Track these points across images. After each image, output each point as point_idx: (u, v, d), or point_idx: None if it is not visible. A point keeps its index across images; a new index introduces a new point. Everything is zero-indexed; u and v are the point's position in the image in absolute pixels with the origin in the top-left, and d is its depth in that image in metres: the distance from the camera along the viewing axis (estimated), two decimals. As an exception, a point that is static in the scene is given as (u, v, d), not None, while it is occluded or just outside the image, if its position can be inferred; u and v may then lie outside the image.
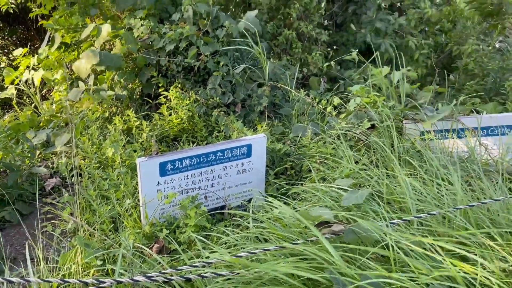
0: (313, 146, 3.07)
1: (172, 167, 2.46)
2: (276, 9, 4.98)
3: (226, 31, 3.84)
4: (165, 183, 2.48)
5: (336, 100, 3.26)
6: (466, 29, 5.42)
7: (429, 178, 2.21)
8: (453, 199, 2.11)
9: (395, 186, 2.22)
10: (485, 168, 2.54)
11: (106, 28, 3.80)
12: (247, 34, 4.39)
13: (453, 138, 2.80)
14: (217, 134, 3.46)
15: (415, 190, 2.14)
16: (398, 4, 5.74)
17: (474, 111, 4.14)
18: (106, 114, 4.08)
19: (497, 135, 2.82)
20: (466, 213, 1.99)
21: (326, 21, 5.52)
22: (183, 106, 3.61)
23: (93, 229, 2.42)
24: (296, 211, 1.92)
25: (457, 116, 2.86)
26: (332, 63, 4.48)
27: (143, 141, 3.35)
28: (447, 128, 2.86)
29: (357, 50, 4.88)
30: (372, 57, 4.44)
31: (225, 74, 3.75)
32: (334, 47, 5.55)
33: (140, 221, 2.48)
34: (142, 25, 3.98)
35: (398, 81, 3.60)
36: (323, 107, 3.44)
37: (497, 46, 5.52)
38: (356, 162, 2.73)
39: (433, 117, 2.79)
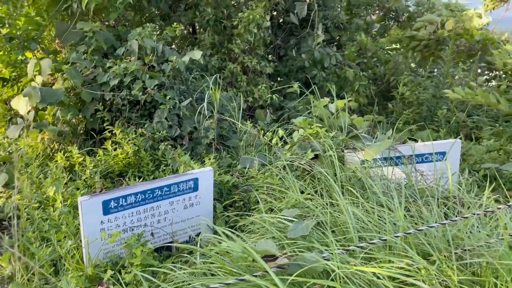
0: (261, 177, 3.11)
1: (116, 204, 2.40)
2: (220, 44, 5.09)
3: (172, 65, 3.86)
4: (108, 221, 2.41)
5: (281, 132, 3.35)
6: (401, 62, 5.78)
7: (370, 207, 2.30)
8: (394, 225, 2.21)
9: (339, 215, 2.30)
10: (421, 194, 2.68)
11: (48, 63, 3.71)
12: (193, 68, 4.44)
13: (391, 165, 2.95)
14: (164, 168, 3.42)
15: (358, 219, 2.22)
16: (337, 37, 6.03)
17: (411, 138, 4.39)
18: (48, 151, 3.94)
19: (431, 162, 3.00)
20: (406, 238, 2.09)
21: (270, 56, 5.69)
22: (128, 140, 3.56)
23: (32, 274, 2.30)
24: (245, 243, 1.93)
25: (393, 144, 3.02)
26: (275, 96, 4.61)
27: (86, 178, 3.26)
28: (385, 156, 3.00)
29: (299, 81, 5.07)
30: (310, 89, 4.62)
31: (171, 107, 3.75)
32: (278, 79, 5.72)
33: (83, 262, 2.39)
34: (85, 59, 3.92)
35: (337, 111, 3.76)
36: (269, 138, 3.52)
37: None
38: (302, 192, 2.79)
39: (373, 147, 2.92)
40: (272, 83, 5.50)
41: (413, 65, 6.29)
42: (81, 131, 4.03)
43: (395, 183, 2.76)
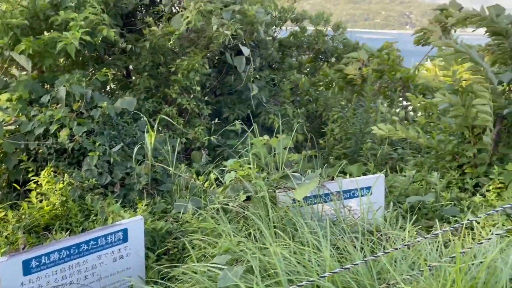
0: (195, 222, 3.09)
1: (38, 263, 2.28)
2: (156, 88, 5.09)
3: (101, 111, 3.80)
4: (30, 282, 2.27)
5: (212, 175, 3.36)
6: (330, 98, 6.07)
7: (299, 248, 2.35)
8: (322, 265, 2.27)
9: (270, 259, 2.32)
10: (350, 229, 2.78)
11: (-35, 113, 3.53)
12: (124, 112, 4.38)
13: (320, 203, 3.04)
14: (94, 218, 3.30)
15: (288, 262, 2.25)
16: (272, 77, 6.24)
17: (343, 172, 4.57)
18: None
19: (358, 197, 3.13)
20: (333, 277, 2.14)
21: (207, 97, 5.75)
22: (55, 190, 3.41)
23: None
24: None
25: (322, 182, 3.13)
26: (213, 137, 4.64)
27: (8, 235, 3.06)
28: (315, 193, 3.10)
29: (239, 119, 5.16)
30: (252, 128, 4.71)
31: (101, 154, 3.66)
32: (217, 119, 5.78)
33: (1, 330, 2.21)
34: (8, 108, 3.77)
35: (275, 149, 3.85)
36: (201, 182, 3.52)
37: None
38: (236, 235, 2.80)
39: (303, 186, 3.01)
40: (213, 122, 5.55)
41: (343, 102, 6.62)
42: (4, 184, 3.81)
43: (324, 220, 2.85)
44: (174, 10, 5.26)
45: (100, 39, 4.08)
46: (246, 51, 4.42)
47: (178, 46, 4.66)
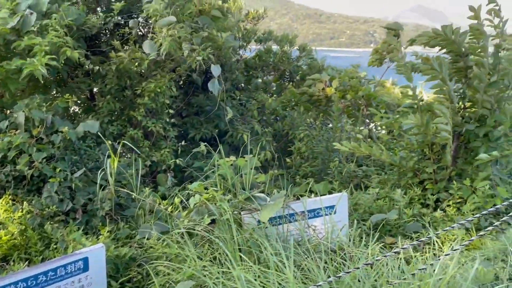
0: (159, 247, 3.04)
1: (-9, 298, 2.18)
2: (121, 110, 5.03)
3: (62, 136, 3.73)
4: (-17, 318, 2.17)
5: (177, 200, 3.33)
6: (296, 117, 6.15)
7: (262, 271, 2.35)
8: (286, 287, 2.27)
9: (234, 283, 2.30)
10: (314, 249, 2.80)
11: None
12: (87, 136, 4.30)
13: (286, 223, 3.06)
14: (55, 247, 3.20)
15: (251, 285, 2.24)
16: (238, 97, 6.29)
17: (310, 190, 4.61)
18: None
19: (322, 216, 3.17)
20: (296, 299, 2.15)
21: (173, 119, 5.72)
22: (14, 219, 3.30)
23: None
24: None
25: (287, 202, 3.15)
26: (178, 160, 4.61)
27: (-38, 268, 2.93)
28: (280, 214, 3.11)
29: (207, 139, 5.15)
30: (218, 149, 4.71)
31: (62, 180, 3.57)
32: (183, 141, 5.75)
33: None
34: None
35: (240, 170, 3.86)
36: (165, 206, 3.48)
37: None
38: (201, 259, 2.77)
39: (268, 207, 3.02)
40: (179, 143, 5.52)
41: (309, 121, 6.73)
42: (-41, 213, 3.64)
43: (289, 241, 2.86)
44: (140, 33, 5.26)
45: (64, 61, 4.02)
46: (216, 72, 4.45)
47: (145, 69, 4.65)
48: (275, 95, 7.03)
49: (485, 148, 3.90)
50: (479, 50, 4.07)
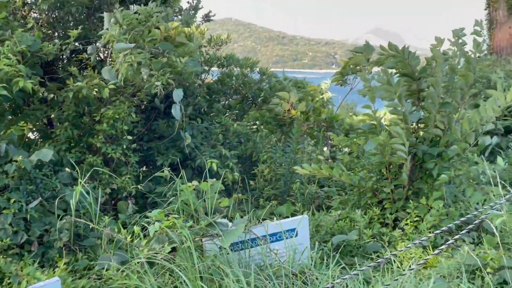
0: (119, 278, 2.96)
1: None
2: (79, 137, 4.93)
3: (16, 165, 3.61)
4: None
5: (136, 229, 3.28)
6: (259, 142, 6.21)
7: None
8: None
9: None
10: (276, 273, 2.81)
11: None
12: (44, 165, 4.18)
13: (247, 248, 3.06)
14: (9, 281, 3.06)
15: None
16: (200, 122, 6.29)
17: (272, 214, 4.63)
18: None
19: (283, 239, 3.19)
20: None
21: (135, 144, 5.65)
22: (-37, 255, 3.13)
23: None
24: None
25: (249, 227, 3.16)
26: (140, 186, 4.55)
27: None
28: (242, 239, 3.11)
29: (173, 164, 5.08)
30: (180, 174, 4.68)
31: (17, 211, 3.45)
32: (145, 166, 5.68)
33: None
34: None
35: (204, 194, 3.84)
36: (125, 235, 3.41)
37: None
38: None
39: (229, 233, 3.02)
40: (141, 169, 5.44)
41: (272, 142, 6.80)
42: None
43: (252, 266, 2.85)
44: (99, 58, 5.20)
45: (17, 90, 3.92)
46: (178, 97, 4.46)
47: (105, 95, 4.59)
48: (238, 118, 7.07)
49: (439, 167, 4.06)
50: (434, 71, 4.27)
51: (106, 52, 5.16)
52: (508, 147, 7.20)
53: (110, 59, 4.62)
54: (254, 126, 6.86)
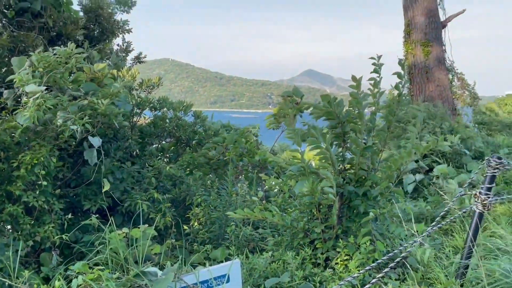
0: None
1: None
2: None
3: None
4: None
5: (57, 283, 3.07)
6: (193, 185, 6.16)
7: None
8: None
9: None
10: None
11: None
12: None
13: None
14: None
15: None
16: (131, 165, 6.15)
17: (206, 259, 4.55)
18: None
19: (218, 286, 3.14)
20: None
21: (59, 190, 5.39)
22: None
23: None
24: None
25: (179, 275, 3.08)
26: (65, 236, 4.30)
27: None
28: (172, 289, 3.02)
29: (103, 210, 4.86)
30: (109, 222, 4.49)
31: None
32: (70, 214, 5.40)
33: None
34: None
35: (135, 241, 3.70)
36: (46, 292, 3.19)
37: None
38: None
39: (158, 283, 2.92)
40: (67, 216, 5.15)
41: (208, 184, 6.76)
42: None
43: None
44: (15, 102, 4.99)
45: None
46: (96, 142, 4.34)
47: (22, 139, 4.37)
48: (172, 161, 7.00)
49: (365, 206, 4.24)
50: (356, 117, 4.53)
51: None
52: (429, 184, 7.71)
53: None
54: (188, 169, 6.80)
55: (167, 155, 6.94)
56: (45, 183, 4.40)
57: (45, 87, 3.99)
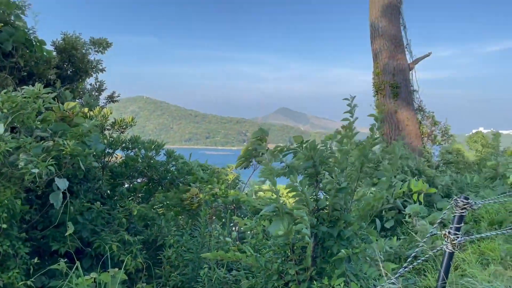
0: None
1: None
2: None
3: None
4: None
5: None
6: (165, 226, 6.04)
7: None
8: None
9: None
10: None
11: None
12: None
13: None
14: None
15: None
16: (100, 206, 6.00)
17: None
18: None
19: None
20: None
21: (26, 233, 5.18)
22: None
23: None
24: None
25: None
26: (30, 281, 4.12)
27: None
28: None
29: (67, 255, 4.67)
30: (76, 265, 4.33)
31: None
32: (37, 258, 5.18)
33: None
34: None
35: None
36: None
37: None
38: None
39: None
40: (33, 261, 4.94)
41: (180, 224, 6.65)
42: None
43: None
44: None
45: None
46: (62, 185, 4.24)
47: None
48: (143, 201, 6.87)
49: (338, 246, 4.24)
50: (330, 159, 4.59)
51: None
52: (401, 222, 7.80)
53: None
54: (160, 210, 6.69)
55: (139, 195, 6.81)
56: (5, 226, 4.23)
57: (9, 129, 3.91)
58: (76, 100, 6.63)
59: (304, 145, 4.75)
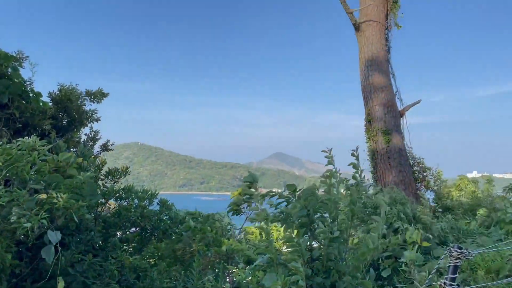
0: None
1: None
2: None
3: None
4: None
5: None
6: (159, 275, 5.92)
7: None
8: None
9: None
10: None
11: None
12: None
13: None
14: None
15: None
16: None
17: None
18: None
19: None
20: None
21: (16, 286, 5.06)
22: None
23: None
24: None
25: None
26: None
27: None
28: None
29: None
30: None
31: None
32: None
33: None
34: None
35: None
36: None
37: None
38: None
39: None
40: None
41: (173, 275, 6.50)
42: None
43: None
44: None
45: None
46: (54, 239, 4.19)
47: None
48: (136, 252, 6.75)
49: (333, 299, 4.16)
50: (323, 209, 4.60)
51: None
52: (398, 271, 7.66)
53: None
54: (152, 260, 6.57)
55: (131, 246, 6.70)
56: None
57: (2, 182, 3.91)
58: (71, 149, 6.66)
59: (297, 193, 4.77)
